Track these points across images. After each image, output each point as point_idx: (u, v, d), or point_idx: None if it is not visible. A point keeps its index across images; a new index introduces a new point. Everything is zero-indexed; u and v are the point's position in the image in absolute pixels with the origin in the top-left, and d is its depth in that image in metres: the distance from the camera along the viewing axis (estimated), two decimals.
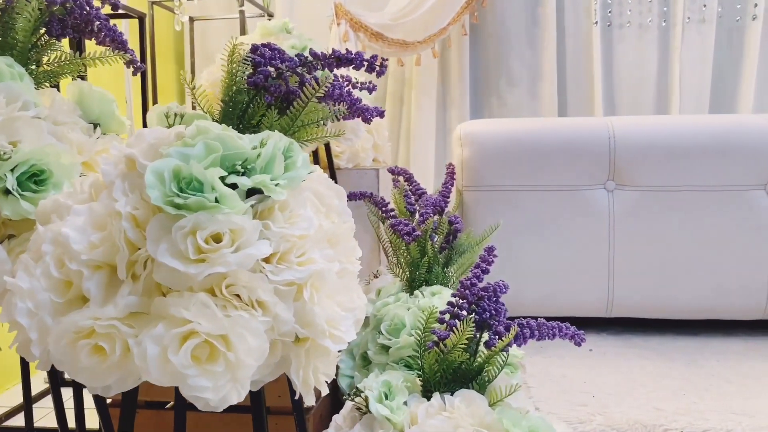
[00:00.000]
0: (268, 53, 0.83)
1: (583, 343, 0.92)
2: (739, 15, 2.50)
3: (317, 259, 0.68)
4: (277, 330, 0.65)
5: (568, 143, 1.51)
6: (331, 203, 0.80)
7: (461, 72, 2.61)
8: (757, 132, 1.47)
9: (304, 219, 0.68)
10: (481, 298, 0.90)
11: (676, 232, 1.49)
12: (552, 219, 1.53)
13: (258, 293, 0.63)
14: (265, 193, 0.64)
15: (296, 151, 0.69)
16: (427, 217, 1.21)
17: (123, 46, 0.95)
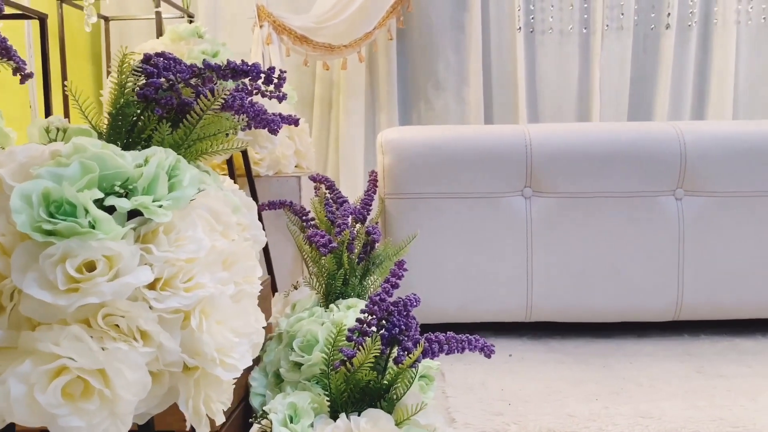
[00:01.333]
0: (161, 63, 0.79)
1: (493, 355, 0.92)
2: (653, 23, 2.60)
3: (207, 283, 0.64)
4: (163, 360, 0.62)
5: (487, 151, 1.52)
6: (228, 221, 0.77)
7: (389, 76, 2.60)
8: (666, 140, 1.52)
9: (192, 241, 0.65)
10: (391, 313, 0.88)
11: (591, 237, 1.53)
12: (472, 226, 1.53)
13: (139, 323, 0.59)
14: (146, 215, 0.61)
15: (183, 169, 0.66)
16: (344, 228, 1.19)
17: (7, 53, 0.88)
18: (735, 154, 1.51)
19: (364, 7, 2.35)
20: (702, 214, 1.52)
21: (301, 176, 1.66)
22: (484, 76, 2.63)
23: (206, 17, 2.59)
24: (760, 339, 1.55)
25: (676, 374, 1.33)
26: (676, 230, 1.52)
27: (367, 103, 2.64)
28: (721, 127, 1.57)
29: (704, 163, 1.51)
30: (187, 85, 0.77)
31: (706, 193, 1.52)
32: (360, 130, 2.61)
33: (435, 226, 1.53)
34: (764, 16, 2.58)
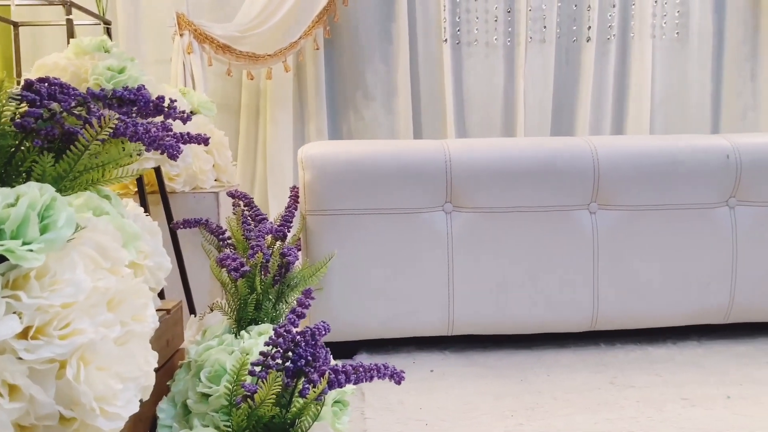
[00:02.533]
0: (44, 89, 0.74)
1: (403, 381, 0.91)
2: (575, 36, 2.68)
3: (86, 328, 0.61)
4: (35, 414, 0.58)
5: (407, 167, 1.52)
6: (118, 256, 0.73)
7: (318, 85, 2.58)
8: (580, 155, 1.56)
9: (70, 284, 0.61)
10: (297, 343, 0.86)
11: (510, 251, 1.55)
12: (394, 242, 1.53)
13: (5, 376, 0.55)
14: (12, 261, 0.57)
15: (59, 208, 0.62)
16: (257, 251, 1.16)
17: None
18: (645, 169, 1.56)
19: (289, 17, 2.32)
20: (615, 227, 1.56)
21: (220, 192, 1.62)
22: (412, 86, 2.64)
23: (126, 24, 2.50)
24: (671, 347, 1.60)
25: (590, 386, 1.36)
26: (591, 243, 1.56)
27: (296, 113, 2.61)
28: (632, 142, 1.62)
29: (616, 177, 1.55)
30: (71, 115, 0.72)
31: (618, 207, 1.56)
32: (288, 140, 2.58)
33: (357, 242, 1.52)
34: (677, 30, 2.69)
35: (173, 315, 1.19)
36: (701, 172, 1.57)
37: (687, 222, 1.58)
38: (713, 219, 1.59)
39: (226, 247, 1.41)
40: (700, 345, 1.61)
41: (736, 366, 1.47)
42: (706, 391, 1.31)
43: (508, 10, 2.64)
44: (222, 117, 2.62)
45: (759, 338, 1.65)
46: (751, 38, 2.72)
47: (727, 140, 1.61)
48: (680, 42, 2.70)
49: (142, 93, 0.74)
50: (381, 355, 1.58)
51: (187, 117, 1.03)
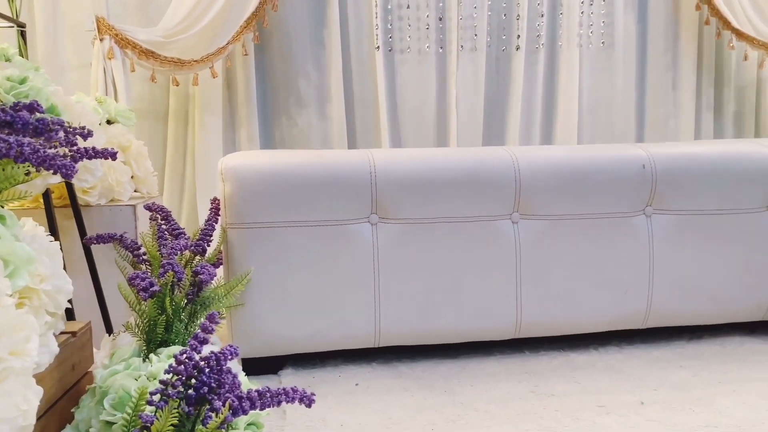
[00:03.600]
0: None
1: (314, 403, 0.89)
2: (505, 45, 2.72)
3: None
4: None
5: (332, 178, 1.50)
6: None
7: (248, 91, 2.53)
8: (502, 166, 1.57)
9: None
10: (201, 370, 0.83)
11: (436, 261, 1.55)
12: (320, 254, 1.51)
13: None
14: None
15: None
16: (168, 269, 1.12)
17: None
18: (565, 179, 1.59)
19: (216, 22, 2.26)
20: (537, 237, 1.59)
21: (138, 204, 1.56)
22: (345, 92, 2.63)
23: (45, 26, 2.38)
24: (593, 353, 1.64)
25: (512, 395, 1.37)
26: (514, 252, 1.58)
27: (226, 120, 2.56)
28: (552, 152, 1.65)
29: (537, 187, 1.58)
30: None
31: (540, 217, 1.59)
32: (218, 147, 2.52)
33: (281, 255, 1.49)
34: (603, 40, 2.77)
35: (80, 338, 1.13)
36: (619, 182, 1.61)
37: (606, 230, 1.62)
38: (631, 227, 1.63)
39: (141, 263, 1.36)
40: (621, 350, 1.66)
41: (652, 370, 1.51)
42: (622, 398, 1.35)
43: (439, 18, 2.66)
44: (149, 123, 2.54)
45: (675, 341, 1.71)
46: (672, 48, 2.82)
47: (643, 150, 1.66)
48: (606, 51, 2.78)
49: (20, 115, 0.69)
50: (307, 370, 1.56)
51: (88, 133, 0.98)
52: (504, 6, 2.69)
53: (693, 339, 1.72)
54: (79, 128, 0.94)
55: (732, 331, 1.77)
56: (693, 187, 1.64)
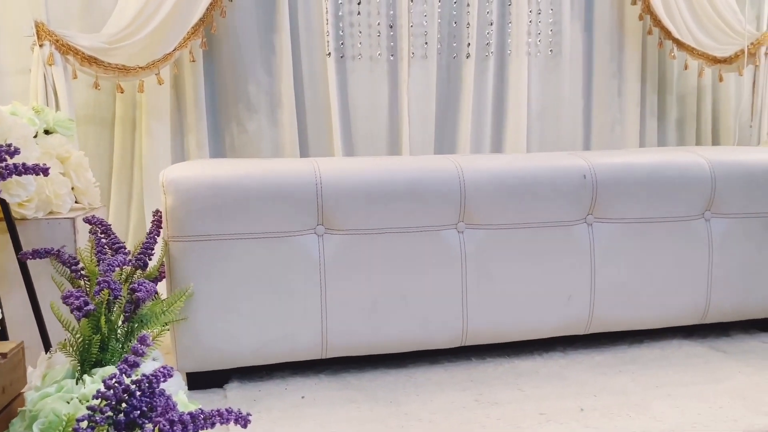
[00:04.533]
0: None
1: (249, 424, 0.89)
2: (455, 52, 2.74)
3: None
4: None
5: (277, 189, 1.49)
6: None
7: (197, 97, 2.49)
8: (448, 176, 1.59)
9: None
10: (132, 394, 0.82)
11: (382, 271, 1.56)
12: (265, 266, 1.50)
13: None
14: None
15: None
16: (104, 287, 1.09)
17: None
18: (508, 189, 1.62)
19: (163, 28, 2.22)
20: (482, 246, 1.61)
21: (77, 217, 1.52)
22: (297, 99, 2.61)
23: None
24: (538, 359, 1.67)
25: (456, 404, 1.39)
26: (459, 261, 1.60)
27: (174, 126, 2.51)
28: (496, 163, 1.68)
29: (482, 197, 1.60)
30: None
31: (484, 226, 1.61)
32: (166, 154, 2.47)
33: (225, 268, 1.48)
34: (551, 48, 2.83)
35: (10, 359, 1.10)
36: (561, 191, 1.65)
37: (549, 239, 1.65)
38: (573, 235, 1.67)
39: (80, 279, 1.33)
40: (565, 356, 1.69)
41: (594, 376, 1.55)
42: (563, 405, 1.38)
43: (390, 25, 2.67)
44: (95, 129, 2.48)
45: (617, 346, 1.76)
46: (617, 56, 2.90)
47: (584, 160, 1.70)
48: (554, 59, 2.84)
49: None
50: (254, 382, 1.54)
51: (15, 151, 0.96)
52: (454, 14, 2.72)
53: (634, 343, 1.77)
54: (5, 146, 0.92)
55: (671, 334, 1.83)
56: (632, 196, 1.69)
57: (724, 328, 1.88)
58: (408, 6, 2.64)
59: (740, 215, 1.77)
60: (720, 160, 1.76)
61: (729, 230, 1.76)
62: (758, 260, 1.79)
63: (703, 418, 1.30)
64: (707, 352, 1.70)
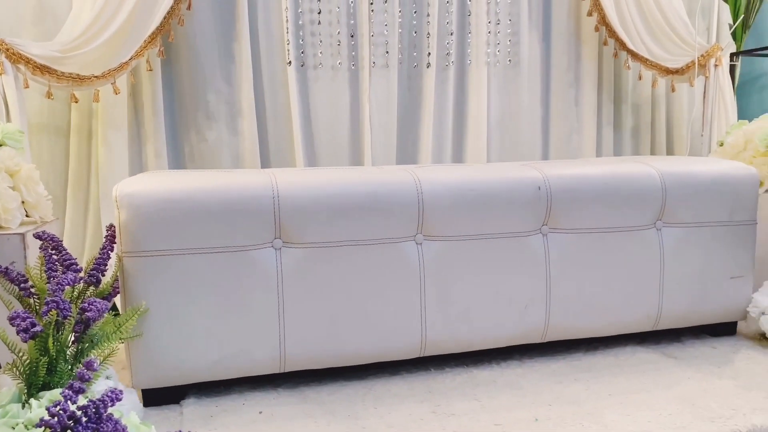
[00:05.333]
0: None
1: None
2: (416, 62, 2.77)
3: None
4: None
5: (233, 203, 1.48)
6: None
7: (155, 106, 2.46)
8: (405, 188, 1.60)
9: None
10: (77, 420, 0.80)
11: (341, 284, 1.56)
12: (222, 281, 1.49)
13: None
14: None
15: None
16: (52, 307, 1.07)
17: None
18: (465, 200, 1.63)
19: (119, 36, 2.19)
20: (440, 257, 1.63)
21: (27, 233, 1.49)
22: (257, 107, 2.60)
23: None
24: (495, 368, 1.70)
25: (413, 416, 1.40)
26: (418, 273, 1.61)
27: (132, 136, 2.47)
28: (454, 174, 1.69)
29: (439, 209, 1.61)
30: None
31: (442, 237, 1.63)
32: (124, 164, 2.43)
33: (181, 283, 1.46)
34: (509, 58, 2.87)
35: None
36: (516, 203, 1.67)
37: (506, 249, 1.68)
38: (529, 246, 1.70)
39: (29, 297, 1.30)
40: (521, 364, 1.72)
41: (549, 385, 1.58)
42: (518, 415, 1.40)
43: (351, 35, 2.68)
44: (50, 139, 2.43)
45: (573, 353, 1.79)
46: (574, 67, 2.95)
47: (538, 172, 1.73)
48: (513, 69, 2.88)
49: None
50: (211, 398, 1.53)
51: None
52: (414, 24, 2.74)
53: (589, 351, 1.81)
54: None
55: (625, 341, 1.87)
56: (585, 207, 1.73)
57: (677, 333, 1.93)
58: (368, 16, 2.65)
59: (690, 225, 1.82)
60: (670, 171, 1.81)
61: (679, 239, 1.82)
62: (707, 268, 1.85)
63: (653, 426, 1.33)
64: (659, 358, 1.75)
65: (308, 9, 2.63)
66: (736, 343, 1.86)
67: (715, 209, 1.84)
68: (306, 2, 2.63)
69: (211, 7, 2.51)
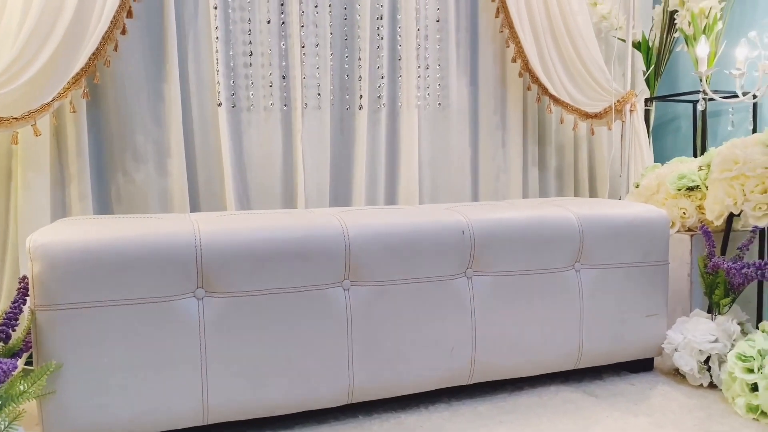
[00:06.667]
0: None
1: None
2: (348, 104, 2.81)
3: None
4: None
5: (153, 252, 1.46)
6: None
7: (80, 147, 2.40)
8: (332, 234, 1.61)
9: None
10: None
11: (268, 333, 1.55)
12: (140, 334, 1.45)
13: None
14: None
15: None
16: None
17: None
18: (392, 246, 1.66)
19: (41, 77, 2.14)
20: (367, 302, 1.64)
21: None
22: (186, 148, 2.57)
23: None
24: (423, 411, 1.71)
25: None
26: (345, 319, 1.62)
27: (54, 177, 2.40)
28: (381, 219, 1.71)
29: (367, 254, 1.63)
30: None
31: (369, 283, 1.64)
32: (45, 207, 2.35)
33: (97, 337, 1.41)
34: (439, 101, 2.95)
35: None
36: (441, 247, 1.71)
37: (432, 293, 1.71)
38: (454, 289, 1.73)
39: None
40: (449, 407, 1.74)
41: (475, 428, 1.60)
42: None
43: (283, 76, 2.70)
44: None
45: (499, 394, 1.83)
46: (500, 110, 3.06)
47: (463, 216, 1.78)
48: (443, 112, 2.96)
49: None
50: None
51: None
52: (346, 68, 2.79)
53: (514, 391, 1.85)
54: None
55: (549, 380, 1.92)
56: (507, 250, 1.78)
57: (598, 371, 2.00)
58: (300, 59, 2.68)
59: (606, 266, 1.90)
60: (587, 214, 1.90)
61: (597, 280, 1.89)
62: (624, 307, 1.93)
63: None
64: (581, 397, 1.80)
65: (240, 52, 2.64)
66: (652, 380, 1.94)
67: (630, 251, 1.93)
68: (238, 45, 2.64)
69: (140, 49, 2.48)
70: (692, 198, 2.19)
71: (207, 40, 2.58)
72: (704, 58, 2.47)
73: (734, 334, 1.85)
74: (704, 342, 1.84)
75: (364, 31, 2.77)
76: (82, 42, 2.24)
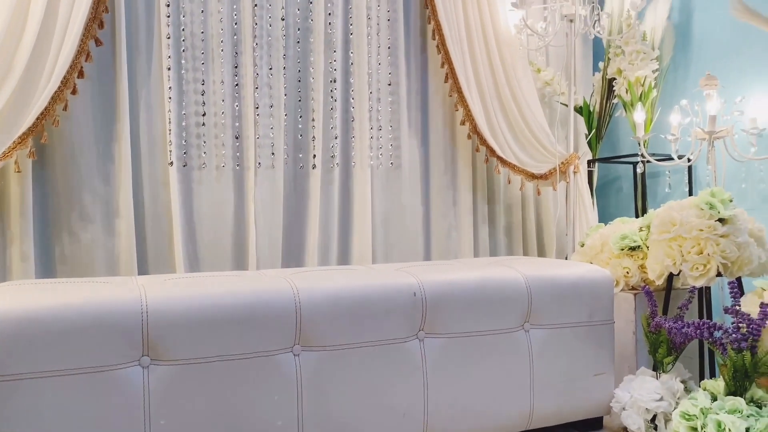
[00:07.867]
0: None
1: None
2: (302, 163, 2.84)
3: None
4: None
5: (95, 320, 1.42)
6: None
7: (24, 206, 2.34)
8: (282, 299, 1.60)
9: None
10: None
11: (215, 401, 1.51)
12: (80, 405, 1.39)
13: None
14: None
15: None
16: None
17: None
18: (344, 310, 1.66)
19: None
20: (318, 368, 1.62)
21: None
22: (136, 208, 2.54)
23: None
24: None
25: None
26: (295, 386, 1.59)
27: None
28: (332, 283, 1.71)
29: (317, 318, 1.62)
30: None
31: (320, 348, 1.63)
32: None
33: (33, 411, 1.35)
34: (391, 161, 3.01)
35: None
36: (393, 309, 1.72)
37: (384, 356, 1.70)
38: (406, 352, 1.74)
39: None
40: None
41: None
42: None
43: (236, 136, 2.72)
44: None
45: None
46: (451, 170, 3.14)
47: (414, 278, 1.80)
48: (395, 171, 3.02)
49: None
50: None
51: None
52: (300, 127, 2.83)
53: None
54: None
55: None
56: (459, 311, 1.80)
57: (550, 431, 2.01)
58: (254, 119, 2.71)
59: (554, 326, 1.94)
60: (534, 275, 1.94)
61: (545, 340, 1.92)
62: (572, 366, 1.96)
63: None
64: None
65: (193, 111, 2.65)
66: None
67: (576, 310, 1.97)
68: (191, 105, 2.65)
69: (91, 107, 2.47)
70: (635, 257, 2.27)
71: (159, 100, 2.59)
72: (641, 124, 2.61)
73: (678, 392, 1.90)
74: (650, 401, 1.88)
75: (318, 93, 2.83)
76: (30, 101, 2.22)
